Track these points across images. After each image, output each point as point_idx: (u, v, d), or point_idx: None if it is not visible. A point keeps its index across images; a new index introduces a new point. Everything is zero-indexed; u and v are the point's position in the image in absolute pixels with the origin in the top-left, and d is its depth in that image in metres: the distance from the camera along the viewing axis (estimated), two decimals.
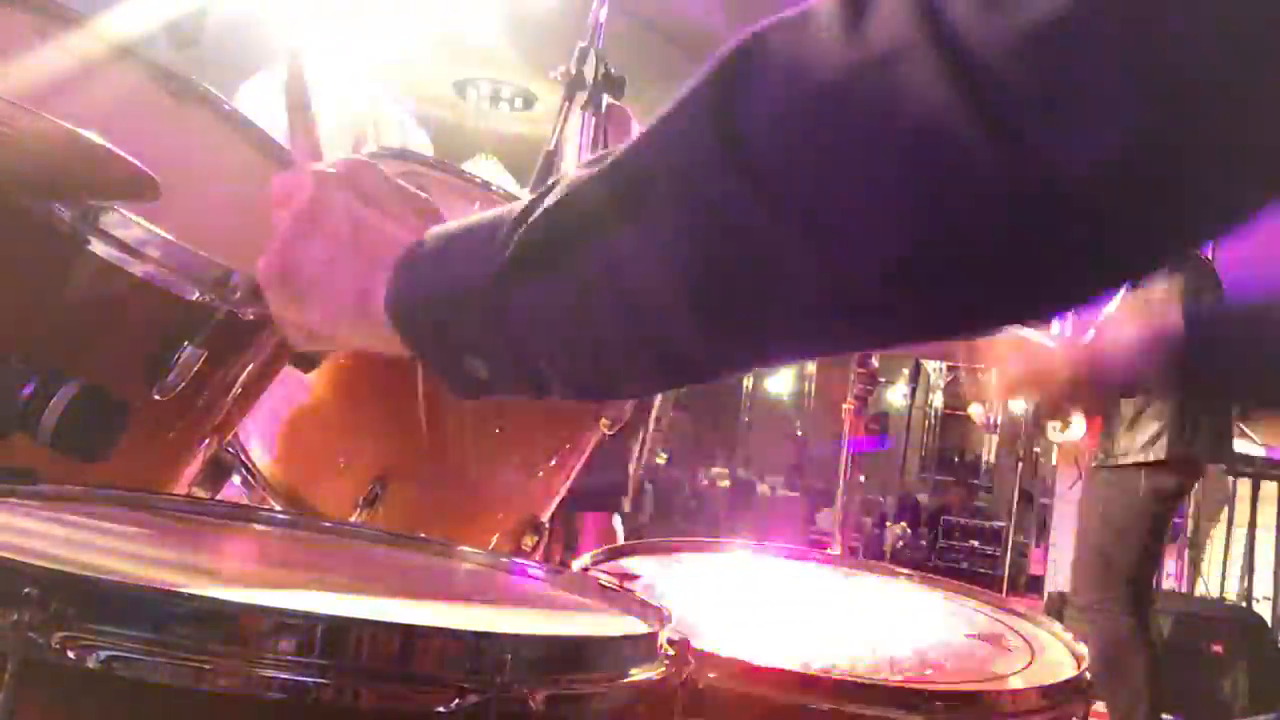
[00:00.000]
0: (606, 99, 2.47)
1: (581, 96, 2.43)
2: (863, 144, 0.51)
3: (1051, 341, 1.17)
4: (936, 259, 0.53)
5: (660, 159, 0.59)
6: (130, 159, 0.82)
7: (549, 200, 0.64)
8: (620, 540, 3.51)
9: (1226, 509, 5.92)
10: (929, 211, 0.51)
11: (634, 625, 0.85)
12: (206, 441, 1.16)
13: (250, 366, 1.12)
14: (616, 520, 3.55)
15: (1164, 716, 3.79)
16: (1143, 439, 3.61)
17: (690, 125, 0.57)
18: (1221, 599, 5.74)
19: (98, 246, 0.92)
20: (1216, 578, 6.02)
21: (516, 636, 0.70)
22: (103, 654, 0.58)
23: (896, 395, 8.49)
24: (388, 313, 0.71)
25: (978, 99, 0.47)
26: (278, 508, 1.31)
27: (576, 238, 0.62)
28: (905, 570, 1.47)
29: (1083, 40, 0.45)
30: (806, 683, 0.90)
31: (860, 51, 0.51)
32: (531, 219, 0.64)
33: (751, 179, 0.54)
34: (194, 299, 0.97)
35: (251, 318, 1.02)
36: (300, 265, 0.76)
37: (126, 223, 0.92)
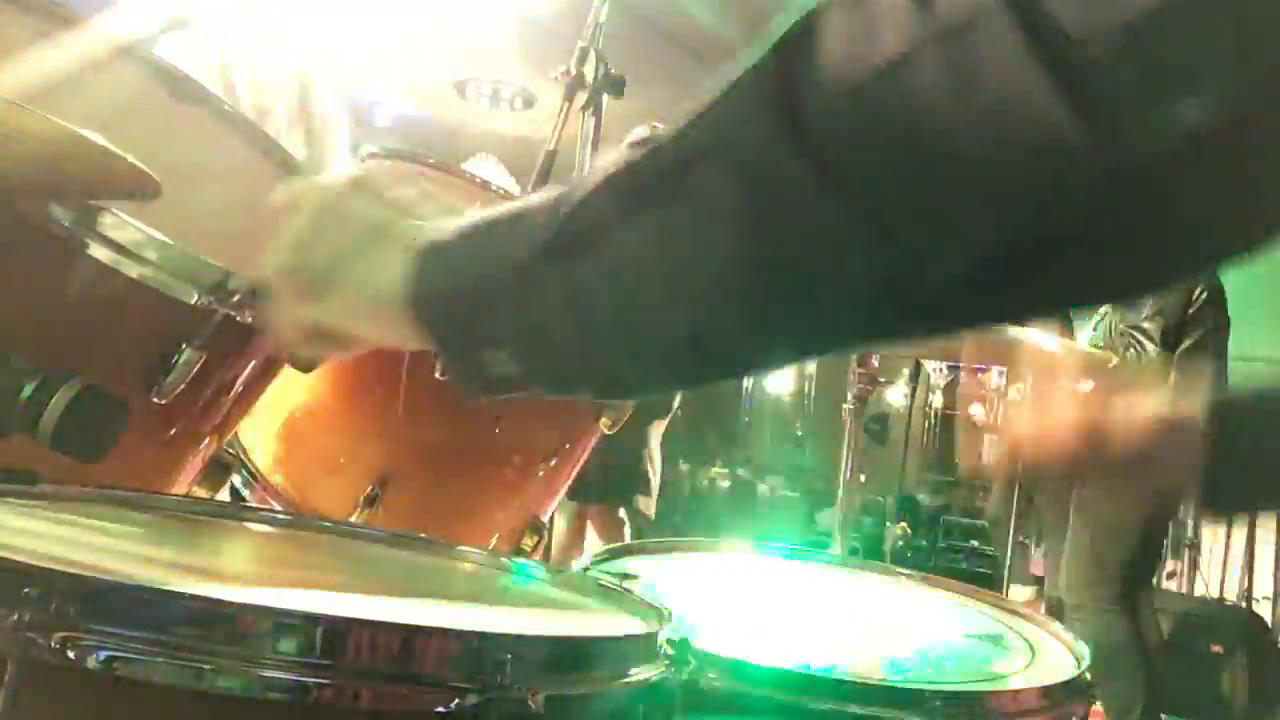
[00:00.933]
0: (607, 99, 2.47)
1: (582, 96, 2.43)
2: (935, 122, 0.49)
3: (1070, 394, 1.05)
4: (1016, 247, 0.51)
5: (713, 137, 0.56)
6: (130, 159, 0.82)
7: (584, 187, 0.61)
8: (627, 535, 3.51)
9: None
10: (1009, 195, 0.49)
11: (634, 625, 0.85)
12: (206, 441, 1.16)
13: (250, 367, 1.12)
14: (622, 513, 3.54)
15: (1164, 716, 3.79)
16: None
17: (747, 103, 0.55)
18: (1221, 599, 5.74)
19: (96, 249, 0.92)
20: (1216, 578, 6.02)
21: (516, 636, 0.70)
22: (103, 654, 0.58)
23: (897, 395, 8.48)
24: (407, 304, 0.69)
25: (1064, 74, 0.45)
26: (278, 508, 1.31)
27: (616, 220, 0.59)
28: (905, 570, 1.47)
29: (1181, 21, 0.44)
30: (806, 683, 0.90)
31: (930, 21, 0.49)
32: (566, 207, 0.62)
33: (814, 161, 0.52)
34: (193, 302, 0.97)
35: (250, 320, 1.02)
36: (315, 260, 0.74)
37: (124, 225, 0.92)
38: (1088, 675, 1.05)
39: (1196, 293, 3.43)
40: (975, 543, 9.02)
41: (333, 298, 0.74)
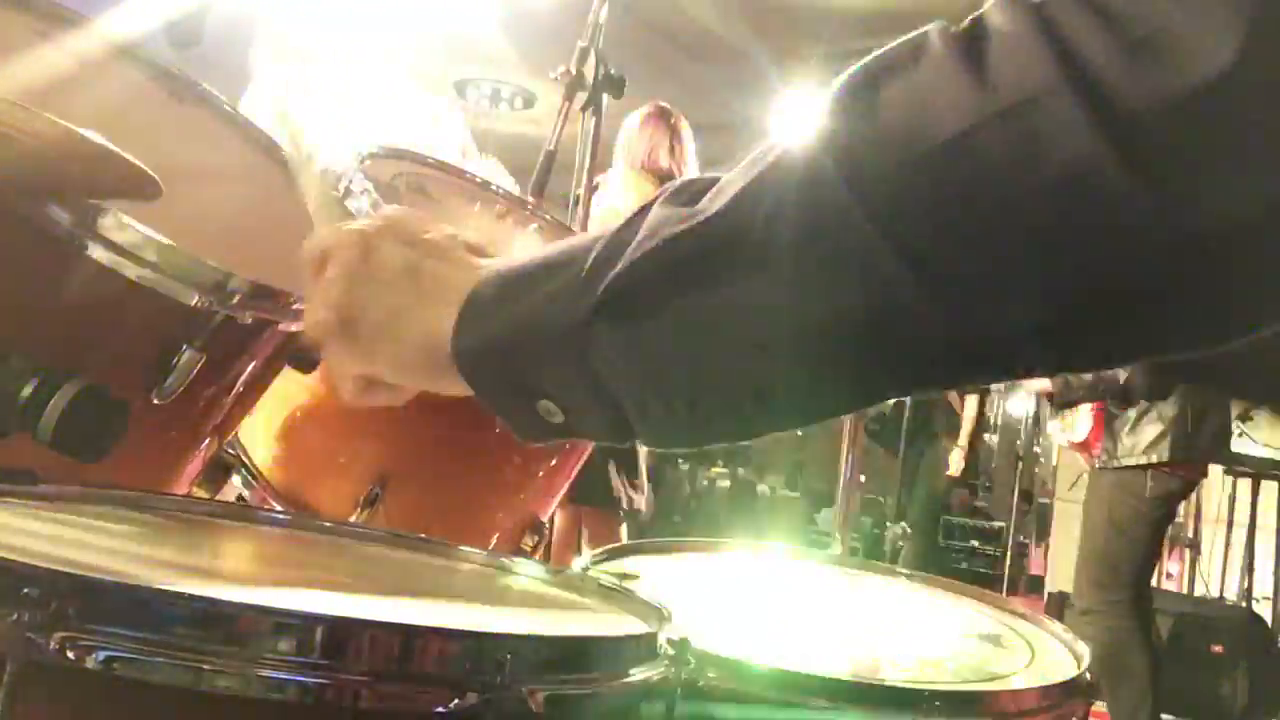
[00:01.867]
0: (607, 99, 2.47)
1: (581, 97, 2.43)
2: (997, 198, 0.50)
3: None
4: (1081, 314, 0.52)
5: (778, 207, 0.57)
6: (131, 158, 0.82)
7: (637, 243, 0.62)
8: (624, 536, 3.51)
9: (1227, 509, 5.93)
10: (1074, 266, 0.51)
11: (634, 625, 0.85)
12: (206, 441, 1.16)
13: (250, 368, 1.12)
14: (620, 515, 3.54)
15: (1164, 716, 3.80)
16: (1146, 440, 3.62)
17: (810, 173, 0.56)
18: (1221, 599, 5.74)
19: (96, 250, 0.92)
20: (1216, 578, 6.02)
21: (516, 636, 0.70)
22: (102, 654, 0.58)
23: (969, 413, 8.49)
24: (456, 357, 0.69)
25: (1127, 149, 0.46)
26: (278, 508, 1.31)
27: (678, 286, 0.60)
28: (905, 570, 1.47)
29: (1243, 97, 0.45)
30: (806, 683, 0.90)
31: (989, 97, 0.50)
32: (619, 265, 0.62)
33: (891, 237, 0.53)
34: (193, 303, 0.97)
35: (250, 321, 1.02)
36: (361, 316, 0.73)
37: (124, 226, 0.92)
38: (1088, 675, 1.05)
39: None
40: (975, 543, 9.02)
41: (378, 353, 0.74)
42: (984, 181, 0.50)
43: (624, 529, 3.59)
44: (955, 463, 7.11)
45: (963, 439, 7.06)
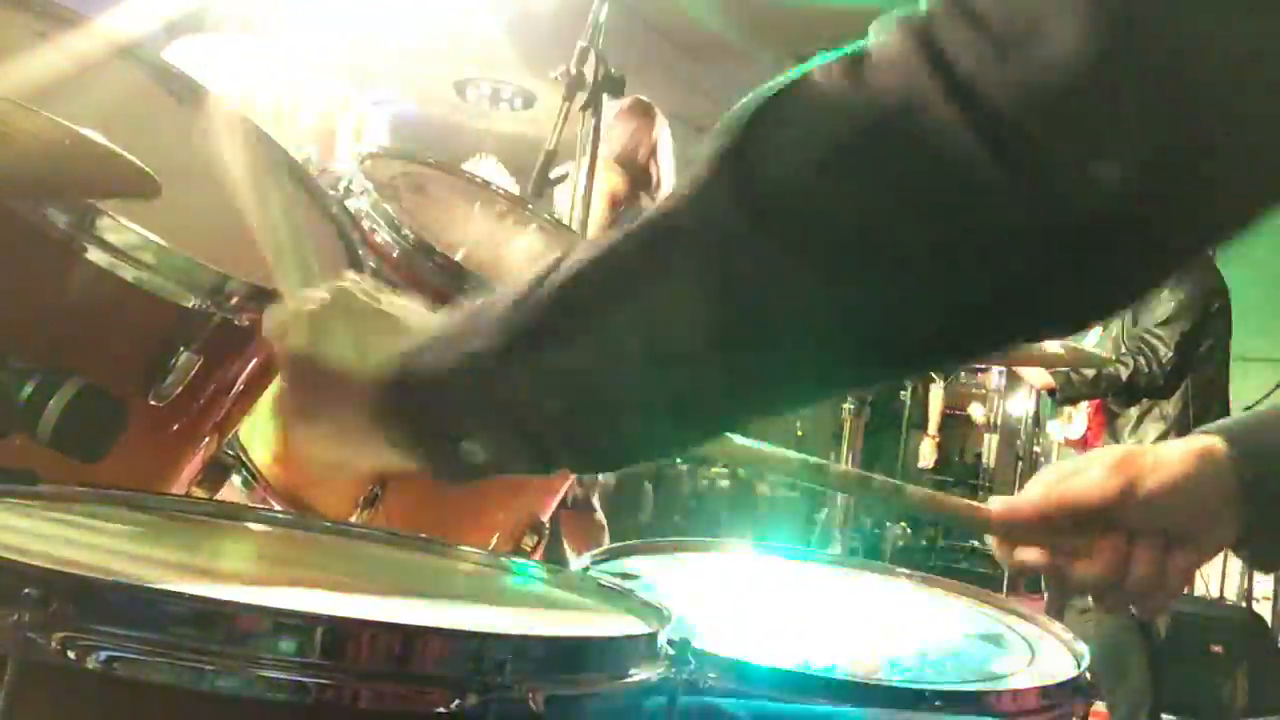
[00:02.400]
0: (606, 98, 2.47)
1: (581, 97, 2.43)
2: (886, 199, 0.53)
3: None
4: (972, 302, 0.55)
5: (679, 220, 0.60)
6: (130, 158, 0.82)
7: (554, 276, 0.64)
8: (606, 536, 3.49)
9: None
10: (957, 266, 0.53)
11: (634, 625, 0.85)
12: (206, 441, 1.16)
13: (248, 368, 1.12)
14: (600, 516, 3.52)
15: (1164, 717, 3.79)
16: (1148, 440, 3.62)
17: (709, 187, 0.58)
18: (1221, 599, 5.74)
19: (94, 253, 0.92)
20: (1216, 578, 6.01)
21: (516, 636, 0.70)
22: (103, 654, 0.58)
23: (937, 405, 8.49)
24: (377, 413, 0.71)
25: (995, 142, 0.49)
26: (278, 508, 1.31)
27: (594, 304, 0.62)
28: (905, 570, 1.47)
29: (1098, 84, 0.47)
30: (806, 683, 0.90)
31: (871, 105, 0.52)
32: (541, 291, 0.64)
33: (779, 240, 0.55)
34: (190, 305, 0.97)
35: (247, 323, 1.02)
36: (309, 403, 0.77)
37: (122, 229, 0.92)
38: (1088, 675, 1.05)
39: (1210, 303, 3.45)
40: (975, 543, 9.02)
41: (327, 434, 0.77)
42: (869, 184, 0.53)
43: (606, 535, 3.56)
44: (926, 454, 7.07)
45: (932, 428, 7.02)
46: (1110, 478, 0.84)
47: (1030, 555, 0.88)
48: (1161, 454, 0.86)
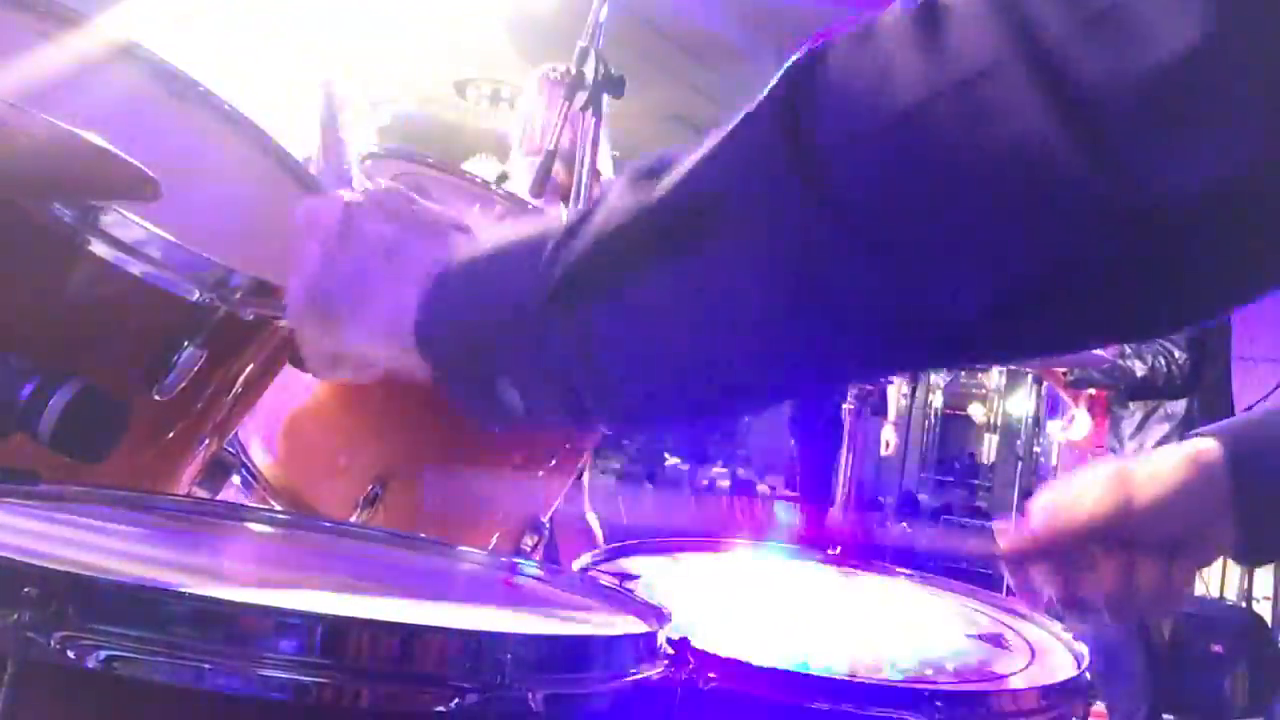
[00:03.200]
0: (607, 99, 2.47)
1: (581, 97, 2.43)
2: (950, 171, 0.50)
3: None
4: (1031, 290, 0.52)
5: (728, 184, 0.57)
6: (130, 159, 0.82)
7: (595, 224, 0.61)
8: (600, 538, 3.48)
9: None
10: (1024, 242, 0.50)
11: (634, 625, 0.85)
12: (206, 441, 1.16)
13: (250, 366, 1.12)
14: (592, 518, 3.51)
15: (1164, 717, 3.79)
16: (1152, 440, 3.61)
17: (759, 150, 0.55)
18: (1221, 599, 5.74)
19: (98, 247, 0.92)
20: (1216, 578, 6.01)
21: (516, 636, 0.70)
22: (102, 654, 0.58)
23: (897, 395, 8.49)
24: (417, 338, 0.69)
25: (1080, 124, 0.46)
26: (278, 508, 1.31)
27: (630, 265, 0.60)
28: (905, 570, 1.47)
29: (1203, 78, 0.44)
30: (806, 683, 0.90)
31: (943, 69, 0.49)
32: (578, 244, 0.62)
33: (832, 208, 0.52)
34: (194, 299, 0.97)
35: (251, 318, 1.02)
36: (332, 289, 0.74)
37: (126, 223, 0.92)
38: (1088, 675, 1.05)
39: None
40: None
41: (345, 328, 0.74)
42: (936, 154, 0.50)
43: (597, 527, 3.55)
44: (888, 440, 7.05)
45: (892, 414, 6.99)
46: (1107, 496, 0.86)
47: (1040, 579, 0.90)
48: (1156, 465, 0.87)
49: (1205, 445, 0.87)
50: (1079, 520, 0.87)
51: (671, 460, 8.65)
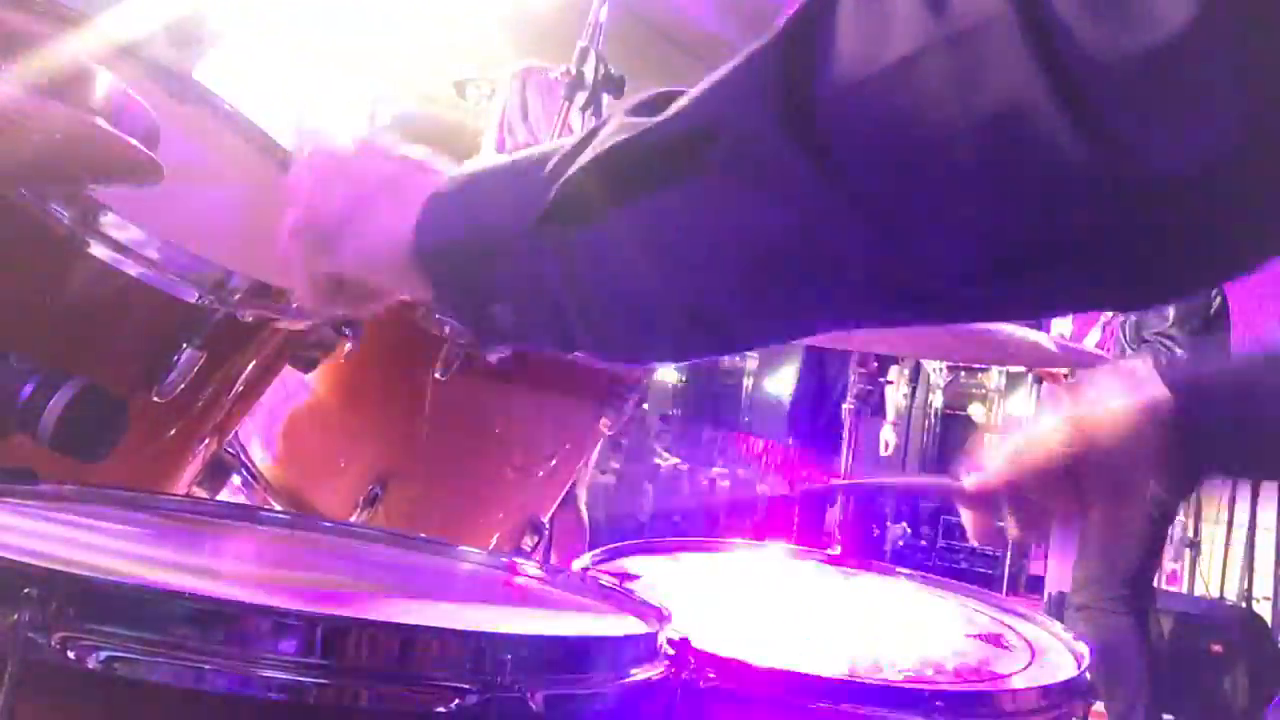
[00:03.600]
0: (607, 98, 2.47)
1: (581, 97, 2.43)
2: (937, 124, 0.49)
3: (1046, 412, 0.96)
4: (1012, 250, 0.52)
5: (719, 120, 0.57)
6: (131, 140, 0.82)
7: (591, 150, 0.62)
8: (586, 535, 3.48)
9: (1226, 509, 5.92)
10: (1006, 200, 0.50)
11: (634, 625, 0.85)
12: (206, 441, 1.16)
13: (250, 367, 1.12)
14: (583, 513, 3.51)
15: (1164, 717, 3.79)
16: None
17: (754, 89, 0.55)
18: (1221, 599, 5.74)
19: (97, 249, 0.92)
20: (1216, 578, 6.01)
21: (516, 636, 0.70)
22: (102, 654, 0.58)
23: (896, 395, 8.48)
24: (415, 254, 0.70)
25: (1068, 93, 0.46)
26: (278, 508, 1.31)
27: (621, 191, 0.60)
28: (905, 570, 1.47)
29: (1192, 59, 0.45)
30: (806, 683, 0.90)
31: (941, 23, 0.49)
32: (575, 167, 0.62)
33: (815, 151, 0.52)
34: (193, 301, 0.97)
35: (251, 319, 1.02)
36: (330, 211, 0.75)
37: (126, 224, 0.92)
38: (1088, 675, 1.05)
39: (1213, 299, 3.46)
40: (975, 543, 9.01)
41: (344, 248, 0.75)
42: (923, 108, 0.50)
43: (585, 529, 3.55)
44: (888, 440, 7.06)
45: (892, 414, 7.00)
46: (1066, 442, 0.92)
47: (998, 517, 0.98)
48: (1110, 413, 0.92)
49: (1159, 395, 0.91)
50: (1038, 463, 0.93)
51: (671, 460, 8.65)
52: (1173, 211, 0.48)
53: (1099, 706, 3.51)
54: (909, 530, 7.80)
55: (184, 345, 0.98)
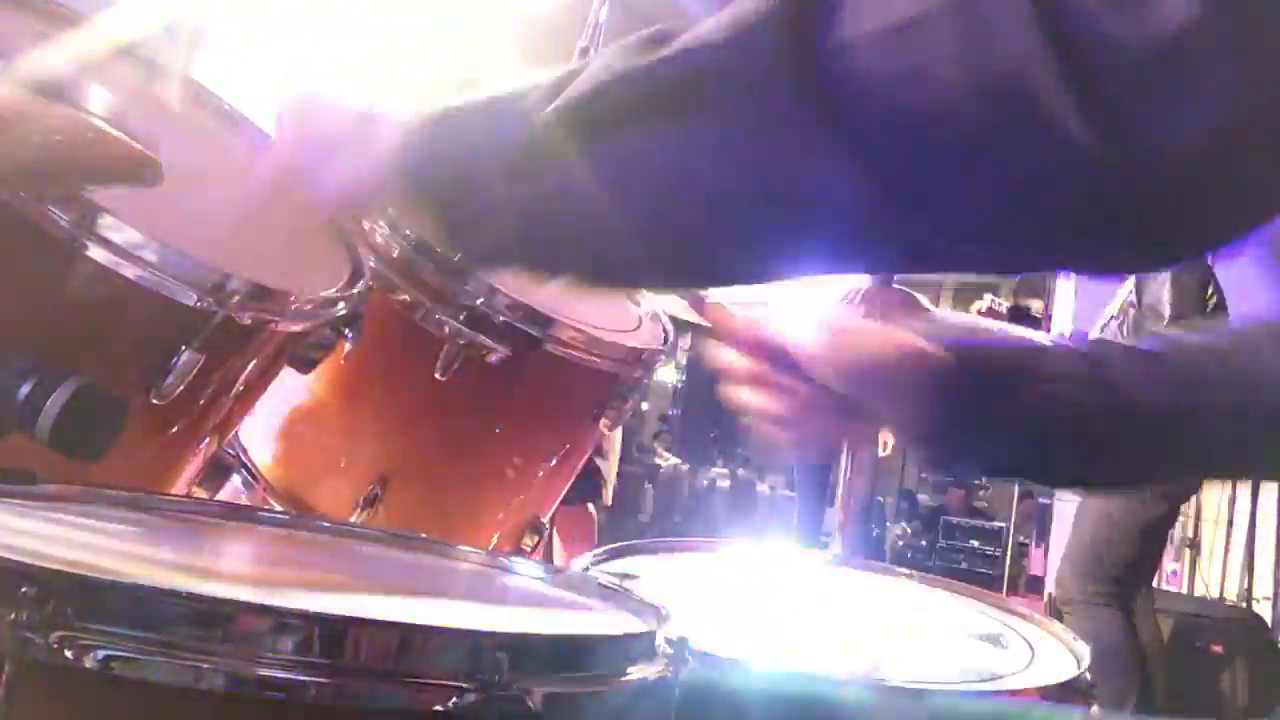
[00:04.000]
0: None
1: None
2: (938, 84, 0.50)
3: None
4: (1007, 216, 0.53)
5: (723, 62, 0.57)
6: (130, 140, 0.82)
7: (587, 80, 0.62)
8: (596, 534, 3.48)
9: (1227, 509, 5.92)
10: (1004, 169, 0.51)
11: (634, 625, 0.85)
12: (206, 442, 1.16)
13: (249, 369, 1.12)
14: (593, 508, 3.51)
15: (1164, 717, 3.78)
16: None
17: (760, 35, 0.55)
18: (1221, 599, 5.73)
19: (95, 251, 0.92)
20: (1216, 578, 6.01)
21: (515, 635, 0.70)
22: (101, 654, 0.58)
23: None
24: (405, 173, 0.71)
25: (1071, 68, 0.47)
26: (278, 508, 1.31)
27: (615, 123, 0.60)
28: (905, 570, 1.47)
29: (1195, 49, 0.46)
30: (806, 683, 0.90)
31: None
32: (573, 93, 0.62)
33: (818, 105, 0.53)
34: (192, 304, 0.97)
35: (249, 321, 1.02)
36: (313, 143, 0.77)
37: (124, 227, 0.92)
38: (1088, 675, 1.05)
39: (1209, 296, 3.46)
40: (975, 543, 9.02)
41: (329, 169, 0.76)
42: (929, 67, 0.50)
43: (595, 527, 3.55)
44: (887, 440, 7.05)
45: None
46: (826, 343, 0.85)
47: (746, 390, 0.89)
48: (878, 350, 0.85)
49: (940, 356, 0.85)
50: (788, 343, 0.86)
51: (671, 460, 8.66)
52: (1167, 186, 0.49)
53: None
54: (908, 530, 7.81)
55: (183, 347, 0.98)
